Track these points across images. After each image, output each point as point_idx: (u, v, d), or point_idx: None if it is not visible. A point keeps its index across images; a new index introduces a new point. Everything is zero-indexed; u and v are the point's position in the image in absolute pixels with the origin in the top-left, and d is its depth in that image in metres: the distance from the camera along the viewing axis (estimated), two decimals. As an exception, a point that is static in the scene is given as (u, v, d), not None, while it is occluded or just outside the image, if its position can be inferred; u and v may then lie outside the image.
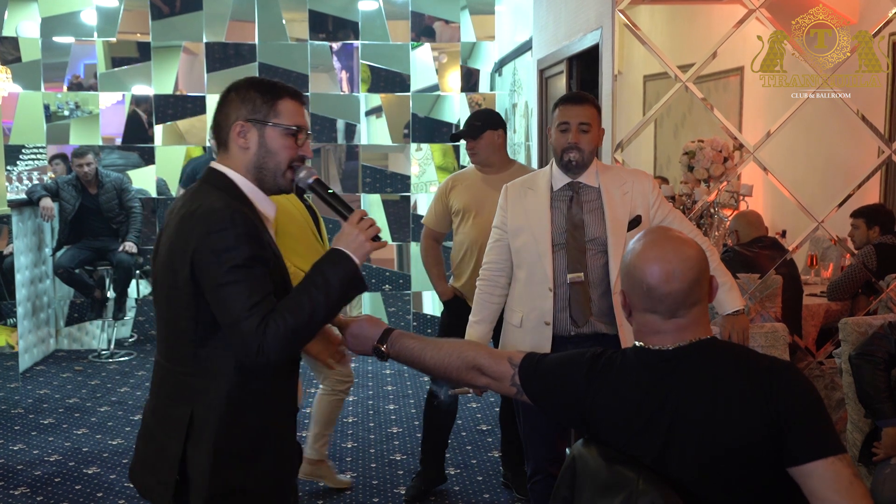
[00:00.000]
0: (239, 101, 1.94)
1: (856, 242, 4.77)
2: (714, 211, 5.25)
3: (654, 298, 1.75)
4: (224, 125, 1.95)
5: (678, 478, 1.70)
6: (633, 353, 1.84)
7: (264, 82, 1.98)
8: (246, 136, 1.93)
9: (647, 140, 8.03)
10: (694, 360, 1.77)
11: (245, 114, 1.93)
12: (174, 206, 1.99)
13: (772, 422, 1.66)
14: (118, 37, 7.29)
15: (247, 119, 1.93)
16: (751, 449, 1.67)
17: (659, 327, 1.78)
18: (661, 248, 1.75)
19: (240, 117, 1.93)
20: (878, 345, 3.00)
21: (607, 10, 4.17)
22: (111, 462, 4.53)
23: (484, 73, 7.93)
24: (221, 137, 1.96)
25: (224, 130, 1.95)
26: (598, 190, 2.92)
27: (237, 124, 1.93)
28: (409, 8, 7.55)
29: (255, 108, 1.93)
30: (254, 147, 1.94)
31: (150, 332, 7.30)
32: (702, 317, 1.80)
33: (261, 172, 1.96)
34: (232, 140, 1.95)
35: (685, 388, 1.75)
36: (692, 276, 1.74)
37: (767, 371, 1.71)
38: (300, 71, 7.47)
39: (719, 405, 1.70)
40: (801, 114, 4.07)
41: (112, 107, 7.39)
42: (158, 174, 7.38)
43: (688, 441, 1.71)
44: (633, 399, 1.80)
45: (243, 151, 1.95)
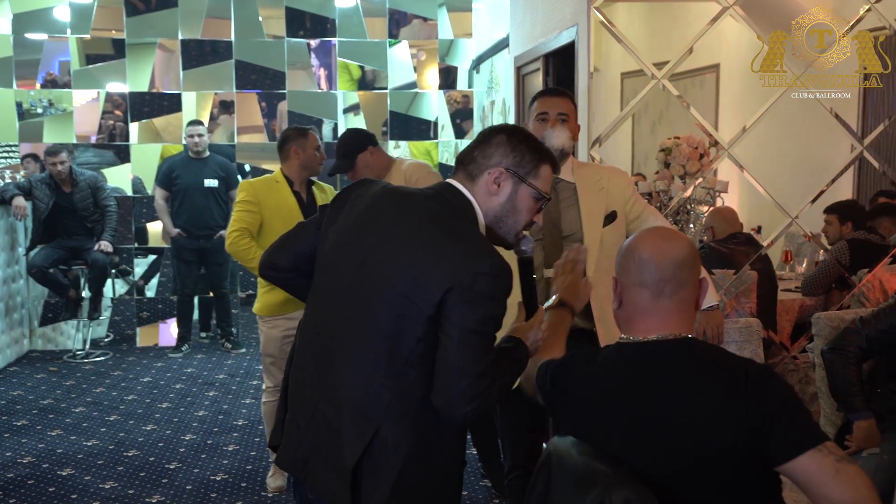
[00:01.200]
0: (509, 148, 1.93)
1: (829, 238, 4.81)
2: (690, 207, 5.28)
3: (645, 270, 1.81)
4: (482, 163, 1.93)
5: (654, 475, 1.71)
6: (614, 348, 1.87)
7: (535, 141, 1.99)
8: (500, 185, 1.93)
9: (624, 137, 8.06)
10: (673, 359, 1.78)
11: (509, 163, 1.93)
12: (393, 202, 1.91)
13: (751, 426, 1.67)
14: (92, 33, 7.22)
15: (508, 168, 1.93)
16: (728, 452, 1.68)
17: (646, 306, 1.81)
18: (657, 231, 1.90)
19: (503, 164, 1.93)
20: (849, 339, 3.02)
21: (583, 7, 4.18)
22: (86, 463, 4.49)
23: (462, 71, 7.93)
24: (471, 171, 1.94)
25: (479, 167, 1.94)
26: (574, 186, 2.93)
27: (497, 169, 1.92)
28: (386, 5, 7.54)
29: (522, 162, 1.93)
30: (503, 198, 1.94)
31: (127, 332, 7.25)
32: (686, 308, 1.83)
33: (498, 223, 1.95)
34: (483, 181, 1.93)
35: (664, 387, 1.76)
36: (683, 255, 1.81)
37: (744, 374, 1.72)
38: (277, 68, 7.45)
39: (698, 406, 1.71)
40: (776, 111, 4.09)
41: (86, 104, 7.32)
42: (134, 172, 7.33)
43: (665, 441, 1.72)
44: (610, 396, 1.81)
45: (490, 197, 1.93)
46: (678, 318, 1.82)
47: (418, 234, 1.84)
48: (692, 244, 1.86)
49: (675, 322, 1.81)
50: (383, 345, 1.82)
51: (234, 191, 6.68)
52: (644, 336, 1.82)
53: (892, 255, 4.31)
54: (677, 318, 1.81)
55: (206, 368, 6.39)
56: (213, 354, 6.79)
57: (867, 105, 5.52)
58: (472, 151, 1.95)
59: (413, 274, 1.80)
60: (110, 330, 7.29)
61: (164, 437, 4.89)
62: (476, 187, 1.93)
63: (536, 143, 1.98)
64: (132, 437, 4.91)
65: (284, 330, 3.85)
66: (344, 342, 1.88)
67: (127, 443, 4.81)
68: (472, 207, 1.92)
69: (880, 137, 4.27)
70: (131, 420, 5.21)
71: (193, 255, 6.64)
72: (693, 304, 1.85)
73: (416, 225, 1.86)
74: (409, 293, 1.79)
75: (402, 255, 1.83)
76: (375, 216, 1.91)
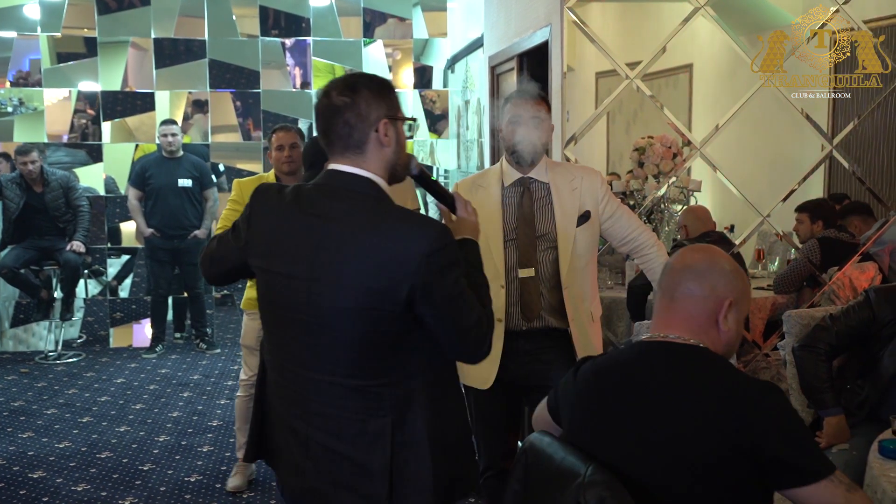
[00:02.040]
0: (379, 99, 1.88)
1: (801, 236, 4.86)
2: (664, 206, 5.32)
3: (666, 273, 1.88)
4: (363, 127, 1.86)
5: (638, 478, 1.72)
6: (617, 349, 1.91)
7: (378, 78, 1.95)
8: (388, 134, 1.88)
9: (599, 136, 8.09)
10: (675, 362, 1.79)
11: (385, 111, 1.88)
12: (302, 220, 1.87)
13: (750, 445, 1.67)
14: (63, 32, 7.15)
15: (388, 116, 1.88)
16: (717, 464, 1.69)
17: (659, 306, 1.87)
18: (693, 247, 1.92)
19: (381, 115, 1.87)
20: (819, 336, 3.06)
21: (556, 7, 4.19)
22: (57, 466, 4.45)
23: (437, 70, 7.93)
24: (356, 141, 1.87)
25: (362, 132, 1.86)
26: (548, 186, 2.94)
27: (381, 123, 1.87)
28: (360, 4, 7.53)
29: (391, 105, 1.90)
30: (392, 144, 1.90)
31: (100, 333, 7.19)
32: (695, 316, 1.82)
33: (394, 169, 1.93)
34: (372, 140, 1.87)
35: (661, 390, 1.77)
36: (695, 263, 1.84)
37: (748, 391, 1.73)
38: (252, 67, 7.41)
39: (693, 416, 1.72)
40: (748, 111, 4.13)
41: (57, 103, 7.25)
42: (106, 172, 7.26)
43: (656, 445, 1.73)
44: (599, 394, 1.83)
45: (383, 150, 1.89)
46: (687, 325, 1.84)
47: (351, 246, 1.80)
48: (723, 260, 1.86)
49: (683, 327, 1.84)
50: (357, 355, 1.83)
51: (208, 190, 6.65)
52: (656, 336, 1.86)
53: (862, 253, 4.37)
54: (686, 324, 1.84)
55: (181, 369, 6.35)
56: (187, 355, 6.74)
57: (837, 105, 5.58)
58: (339, 126, 1.86)
59: (366, 285, 1.79)
60: (83, 331, 7.23)
61: (138, 439, 4.86)
62: (366, 154, 1.87)
63: (383, 80, 1.95)
64: (105, 438, 4.87)
65: None
66: (319, 369, 1.87)
67: (100, 444, 4.77)
68: (374, 184, 1.87)
69: (850, 136, 4.32)
70: (104, 421, 5.16)
71: (167, 255, 6.59)
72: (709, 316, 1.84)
73: (342, 237, 1.81)
74: (371, 304, 1.79)
75: (345, 271, 1.80)
76: (296, 240, 1.87)
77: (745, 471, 1.69)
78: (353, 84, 1.87)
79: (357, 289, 1.79)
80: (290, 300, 1.88)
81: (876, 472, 2.20)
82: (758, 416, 1.69)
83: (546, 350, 2.92)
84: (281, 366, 1.95)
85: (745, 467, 1.68)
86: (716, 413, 1.70)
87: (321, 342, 1.85)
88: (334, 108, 1.85)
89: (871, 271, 4.34)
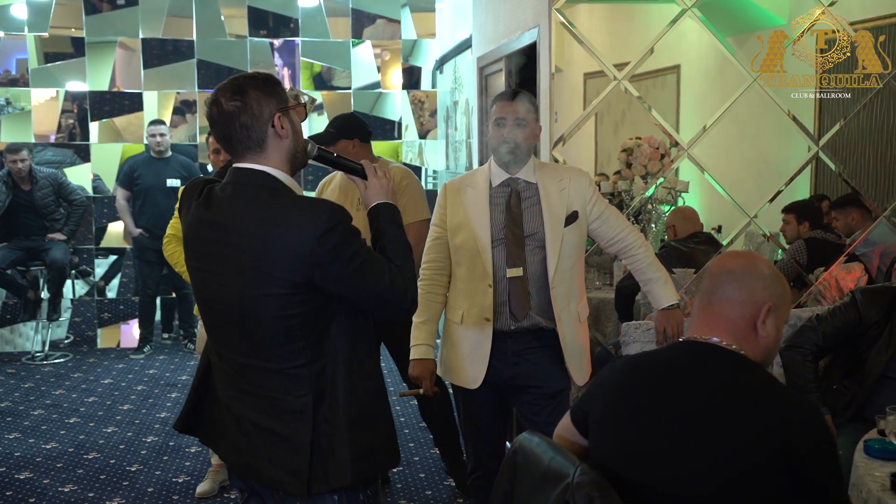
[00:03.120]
0: (266, 95, 1.96)
1: (787, 237, 4.88)
2: (652, 207, 5.34)
3: (705, 277, 1.89)
4: (258, 125, 1.95)
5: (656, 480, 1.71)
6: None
7: (260, 75, 2.02)
8: (283, 126, 1.98)
9: (587, 137, 8.11)
10: (719, 366, 1.78)
11: (276, 106, 1.96)
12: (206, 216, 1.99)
13: (787, 465, 1.65)
14: (51, 31, 7.12)
15: (279, 110, 1.96)
16: (747, 478, 1.67)
17: (697, 310, 1.87)
18: (741, 253, 1.97)
19: (273, 111, 1.96)
20: (806, 337, 3.08)
21: (544, 8, 4.20)
22: (44, 467, 4.43)
23: (425, 71, 7.93)
24: (255, 140, 1.96)
25: (258, 130, 1.96)
26: (536, 186, 2.95)
27: (274, 118, 1.96)
28: (349, 5, 7.52)
29: (280, 97, 1.98)
30: (290, 134, 2.00)
31: (87, 334, 7.16)
32: (741, 325, 1.82)
33: (294, 157, 2.03)
34: (270, 135, 1.97)
35: (702, 393, 1.76)
36: (732, 267, 1.85)
37: (797, 412, 1.72)
38: (240, 68, 7.39)
39: (734, 426, 1.70)
40: (735, 112, 4.15)
41: (45, 103, 7.22)
42: (94, 171, 7.24)
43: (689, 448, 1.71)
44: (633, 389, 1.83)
45: (282, 141, 1.99)
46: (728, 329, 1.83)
47: (249, 239, 1.92)
48: (765, 266, 1.87)
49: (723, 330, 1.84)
50: (274, 340, 1.95)
51: (196, 191, 6.62)
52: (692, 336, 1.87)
53: (848, 253, 4.40)
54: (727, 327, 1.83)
55: (169, 370, 6.33)
56: (175, 355, 6.72)
57: (823, 106, 5.62)
58: (236, 130, 1.95)
59: (268, 273, 1.90)
60: (70, 331, 7.20)
61: (126, 440, 4.84)
62: (266, 150, 1.97)
63: (265, 75, 2.02)
64: (92, 439, 4.85)
65: None
66: (244, 353, 2.00)
67: (87, 445, 4.75)
68: (270, 177, 1.97)
69: (836, 138, 4.35)
70: (91, 422, 5.15)
71: (156, 255, 6.56)
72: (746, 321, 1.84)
73: (241, 232, 1.93)
74: (275, 290, 1.91)
75: (246, 263, 1.92)
76: (204, 237, 2.01)
77: (774, 488, 1.67)
78: (240, 87, 1.96)
79: (259, 278, 1.91)
80: (209, 292, 2.03)
81: (862, 471, 2.22)
82: (803, 440, 1.67)
83: (534, 350, 2.93)
84: (217, 352, 2.09)
85: (774, 485, 1.66)
86: (758, 428, 1.68)
87: (241, 330, 1.98)
88: (227, 114, 1.95)
89: (857, 272, 4.37)
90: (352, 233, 1.93)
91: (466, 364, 2.94)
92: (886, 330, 2.94)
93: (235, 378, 2.04)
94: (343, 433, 1.96)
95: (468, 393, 2.97)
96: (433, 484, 4.20)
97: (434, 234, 3.05)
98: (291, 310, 1.92)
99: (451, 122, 7.81)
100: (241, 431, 2.03)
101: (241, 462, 2.06)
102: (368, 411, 2.03)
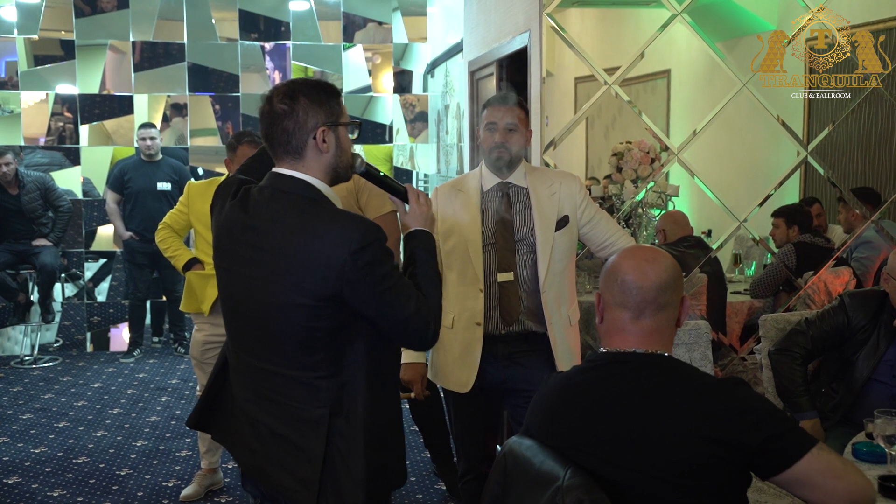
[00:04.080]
0: (316, 106, 1.96)
1: (776, 241, 4.90)
2: (642, 211, 5.35)
3: (627, 291, 1.83)
4: (301, 134, 1.96)
5: (623, 482, 1.74)
6: (589, 359, 1.91)
7: (322, 83, 2.02)
8: (326, 140, 1.97)
9: (578, 141, 8.13)
10: (646, 373, 1.81)
11: (323, 119, 1.96)
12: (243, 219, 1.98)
13: (725, 443, 1.69)
14: (40, 34, 7.11)
15: (326, 123, 1.96)
16: (703, 466, 1.71)
17: (625, 325, 1.84)
18: (640, 253, 1.90)
19: (319, 123, 1.96)
20: (795, 340, 3.09)
21: (535, 12, 4.21)
22: (33, 471, 4.41)
23: (417, 75, 7.94)
24: (294, 147, 1.97)
25: (299, 139, 1.96)
26: (527, 190, 2.95)
27: (319, 130, 1.96)
28: (340, 9, 7.52)
29: (330, 111, 1.97)
30: (332, 149, 1.99)
31: (77, 338, 7.14)
32: (666, 328, 1.86)
33: (335, 171, 2.02)
34: (311, 146, 1.97)
35: (635, 400, 1.78)
36: (665, 278, 1.84)
37: (715, 392, 1.76)
38: (231, 71, 7.39)
39: (669, 423, 1.73)
40: (725, 116, 4.17)
41: (34, 106, 7.20)
42: (84, 175, 7.21)
43: (635, 453, 1.74)
44: (578, 399, 1.84)
45: (322, 155, 1.98)
46: (656, 337, 1.84)
47: (283, 246, 1.91)
48: (676, 266, 1.88)
49: (653, 340, 1.84)
50: (297, 349, 1.94)
51: (187, 194, 6.62)
52: (621, 347, 1.86)
53: (836, 257, 4.42)
54: (656, 336, 1.84)
55: (159, 373, 6.32)
56: (165, 359, 6.71)
57: (812, 110, 5.65)
58: (279, 132, 1.96)
59: (298, 283, 1.89)
60: (60, 335, 7.17)
61: (115, 444, 4.83)
62: (305, 159, 1.98)
63: (325, 85, 2.02)
64: (82, 443, 4.84)
65: (207, 335, 3.97)
66: (264, 359, 1.99)
67: (76, 449, 4.73)
68: (310, 187, 1.97)
69: (825, 142, 4.37)
70: (81, 426, 5.13)
71: (146, 258, 6.56)
72: (674, 323, 1.88)
73: (275, 238, 1.93)
74: (304, 301, 1.90)
75: (278, 270, 1.92)
76: (237, 239, 2.00)
77: (727, 474, 1.71)
78: (293, 91, 1.96)
79: (289, 286, 1.91)
80: (236, 294, 2.02)
81: (849, 474, 2.23)
82: (731, 413, 1.71)
83: (525, 354, 2.93)
84: (237, 353, 2.07)
85: (727, 470, 1.71)
86: (692, 418, 1.72)
87: (264, 335, 1.97)
88: (275, 114, 1.96)
89: (845, 276, 4.39)
90: (385, 253, 1.92)
91: (457, 368, 2.94)
92: (874, 334, 2.96)
93: (253, 381, 2.03)
94: (359, 449, 1.95)
95: (459, 397, 2.97)
96: (424, 488, 4.20)
97: (425, 238, 3.04)
98: (317, 322, 1.91)
99: (442, 126, 7.82)
100: (256, 435, 2.02)
101: (254, 465, 2.05)
102: (385, 431, 2.02)
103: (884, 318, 2.95)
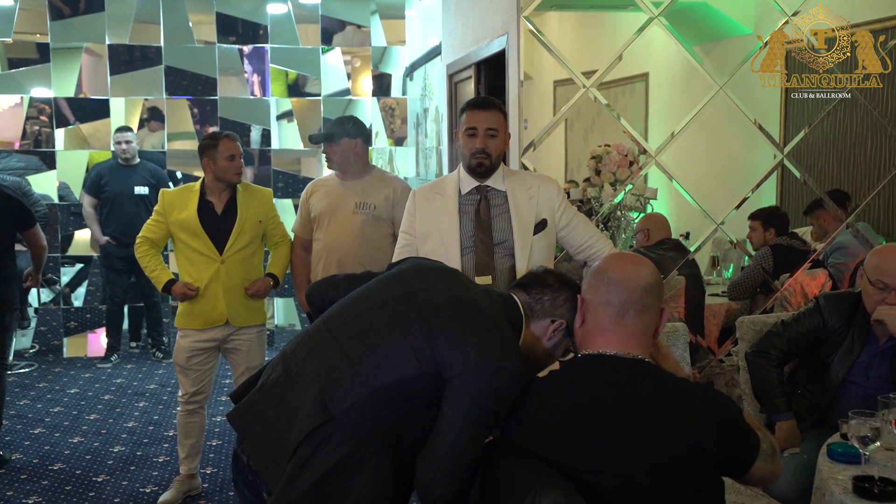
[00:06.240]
0: (571, 304, 2.09)
1: (754, 244, 4.94)
2: (621, 213, 5.38)
3: (612, 289, 1.88)
4: (550, 310, 2.12)
5: (605, 488, 1.75)
6: (568, 363, 1.94)
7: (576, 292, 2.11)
8: (555, 334, 2.11)
9: (557, 144, 8.16)
10: (628, 378, 1.83)
11: (569, 319, 2.09)
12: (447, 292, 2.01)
13: (705, 450, 1.74)
14: (14, 37, 7.03)
15: (568, 324, 2.10)
16: (685, 470, 1.74)
17: (608, 325, 1.88)
18: (627, 255, 2.00)
19: (566, 318, 2.11)
20: (771, 342, 3.11)
21: (513, 16, 4.23)
22: (8, 478, 4.36)
23: (395, 78, 7.93)
24: (535, 309, 2.10)
25: (546, 311, 2.12)
26: (505, 194, 2.96)
27: (560, 322, 2.11)
28: (319, 12, 7.51)
29: (575, 318, 2.02)
30: (550, 346, 2.13)
31: (53, 343, 7.07)
32: (645, 333, 1.89)
33: (534, 361, 2.11)
34: (544, 325, 2.11)
35: (617, 406, 1.80)
36: (650, 281, 1.89)
37: (688, 397, 1.81)
38: (208, 74, 7.34)
39: (651, 429, 1.76)
40: (703, 119, 4.19)
41: (9, 109, 7.12)
42: (60, 179, 7.15)
43: (617, 458, 1.76)
44: (559, 405, 1.85)
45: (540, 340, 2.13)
46: (638, 340, 1.88)
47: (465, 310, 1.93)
48: (659, 274, 1.94)
49: (634, 343, 1.87)
50: (389, 375, 1.87)
51: (165, 198, 6.57)
52: (602, 350, 1.88)
53: (812, 259, 4.45)
54: (637, 339, 1.88)
55: (136, 379, 6.27)
56: (143, 364, 6.65)
57: (788, 113, 5.69)
58: (541, 295, 2.09)
59: (441, 338, 1.88)
60: (36, 341, 7.10)
61: (92, 450, 4.78)
62: (533, 324, 2.08)
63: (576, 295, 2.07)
64: (58, 450, 4.79)
65: (192, 341, 3.93)
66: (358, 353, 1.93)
67: (52, 456, 4.69)
68: (522, 325, 2.06)
69: (801, 144, 4.41)
70: (57, 433, 5.07)
71: (123, 263, 6.50)
72: (652, 331, 1.91)
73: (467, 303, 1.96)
74: (431, 357, 1.87)
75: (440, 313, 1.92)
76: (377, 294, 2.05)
77: (708, 479, 1.76)
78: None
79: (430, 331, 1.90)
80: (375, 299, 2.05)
81: (825, 474, 2.25)
82: (709, 421, 1.77)
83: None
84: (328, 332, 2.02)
85: (707, 475, 1.76)
86: (675, 425, 1.76)
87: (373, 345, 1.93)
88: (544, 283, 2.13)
89: (821, 278, 4.43)
90: (512, 399, 1.87)
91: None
92: (849, 336, 2.98)
93: (280, 392, 1.96)
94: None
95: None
96: (403, 492, 4.18)
97: (403, 241, 3.04)
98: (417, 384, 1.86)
99: (421, 129, 7.82)
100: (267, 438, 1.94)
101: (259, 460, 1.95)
102: None
103: (858, 320, 2.98)
